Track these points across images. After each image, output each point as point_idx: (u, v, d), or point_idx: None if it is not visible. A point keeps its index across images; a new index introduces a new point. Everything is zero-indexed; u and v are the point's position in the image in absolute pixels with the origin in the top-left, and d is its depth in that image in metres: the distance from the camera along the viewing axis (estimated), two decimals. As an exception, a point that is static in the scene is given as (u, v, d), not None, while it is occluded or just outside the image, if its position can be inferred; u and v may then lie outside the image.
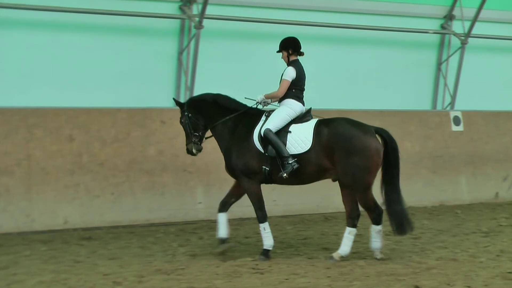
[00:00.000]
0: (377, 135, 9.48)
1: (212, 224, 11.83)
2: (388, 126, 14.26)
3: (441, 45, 16.08)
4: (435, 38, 16.00)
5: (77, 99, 12.55)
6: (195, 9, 13.18)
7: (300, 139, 9.36)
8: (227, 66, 13.66)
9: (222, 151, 9.85)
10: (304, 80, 9.72)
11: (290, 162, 9.26)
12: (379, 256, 9.39)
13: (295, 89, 9.62)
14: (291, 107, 9.56)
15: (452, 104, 15.99)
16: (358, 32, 14.88)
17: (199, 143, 9.90)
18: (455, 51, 15.85)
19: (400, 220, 9.48)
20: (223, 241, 9.67)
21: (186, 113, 9.89)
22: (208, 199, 12.45)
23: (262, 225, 9.58)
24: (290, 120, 9.53)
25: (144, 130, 12.44)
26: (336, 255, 9.37)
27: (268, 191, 12.25)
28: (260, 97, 9.80)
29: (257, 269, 8.89)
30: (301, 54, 9.80)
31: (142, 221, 12.13)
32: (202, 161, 12.32)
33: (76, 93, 12.60)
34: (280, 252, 9.98)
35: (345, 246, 9.41)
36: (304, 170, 9.38)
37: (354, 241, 10.28)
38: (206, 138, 9.98)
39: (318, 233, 11.42)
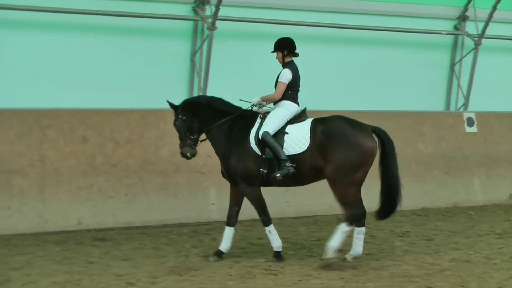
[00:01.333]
0: (374, 135, 9.36)
1: (225, 226, 11.85)
2: (401, 127, 14.44)
3: (455, 46, 16.03)
4: (449, 39, 15.95)
5: (91, 100, 12.58)
6: (208, 10, 13.19)
7: (298, 139, 9.29)
8: (240, 67, 13.67)
9: (218, 155, 9.77)
10: (299, 81, 9.64)
11: (288, 165, 9.19)
12: (329, 255, 9.07)
13: (291, 91, 9.55)
14: (287, 108, 9.49)
15: (465, 105, 15.94)
16: (372, 33, 14.85)
17: (193, 146, 9.80)
18: (469, 52, 15.79)
19: (381, 214, 9.51)
20: (219, 254, 9.58)
21: (180, 116, 9.79)
22: (221, 200, 12.44)
23: (267, 228, 9.57)
24: (287, 121, 9.46)
25: (157, 131, 12.46)
26: (349, 256, 9.35)
27: (281, 192, 12.30)
28: (256, 99, 9.72)
29: (270, 270, 8.90)
30: (296, 55, 9.70)
31: (155, 222, 12.14)
32: (215, 162, 12.27)
33: (90, 94, 12.63)
34: (293, 253, 9.98)
35: (358, 246, 9.37)
36: (302, 171, 9.30)
37: (367, 242, 10.29)
38: (201, 141, 9.90)
39: (331, 234, 11.34)
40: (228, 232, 9.67)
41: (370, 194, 9.64)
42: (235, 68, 13.63)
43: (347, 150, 9.08)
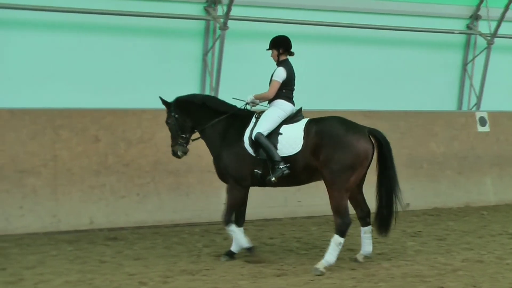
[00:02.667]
0: (371, 137, 9.15)
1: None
2: (413, 127, 14.42)
3: (467, 45, 15.98)
4: (461, 38, 15.90)
5: (103, 100, 12.61)
6: (220, 10, 13.20)
7: (292, 140, 9.14)
8: (252, 67, 13.66)
9: (212, 154, 9.68)
10: (294, 80, 9.52)
11: (281, 167, 9.05)
12: (322, 269, 8.76)
13: (286, 90, 9.42)
14: (282, 108, 9.36)
15: (478, 104, 15.89)
16: (385, 33, 14.82)
17: (185, 145, 9.72)
18: (481, 52, 15.73)
19: (380, 223, 9.31)
20: (230, 254, 9.57)
21: (173, 114, 9.71)
22: (232, 200, 12.46)
23: (230, 228, 9.43)
24: (281, 121, 9.32)
25: (169, 131, 12.45)
26: (359, 256, 9.33)
27: (293, 192, 12.32)
28: (249, 97, 9.61)
29: (282, 270, 8.91)
30: (291, 54, 9.58)
31: (167, 221, 12.16)
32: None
33: (102, 94, 12.67)
34: (305, 253, 9.99)
35: (367, 246, 9.33)
36: (296, 172, 9.16)
37: (379, 243, 10.28)
38: (193, 140, 9.83)
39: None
40: (239, 231, 9.66)
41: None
42: (247, 68, 13.62)
43: (340, 151, 8.88)
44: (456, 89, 16.09)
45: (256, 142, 9.17)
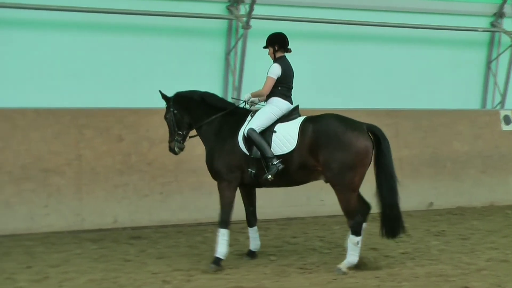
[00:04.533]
0: (369, 133, 8.89)
1: (259, 224, 11.85)
2: (436, 126, 14.35)
3: (491, 43, 15.86)
4: (485, 36, 15.79)
5: (126, 99, 12.67)
6: (243, 9, 13.22)
7: (285, 139, 8.92)
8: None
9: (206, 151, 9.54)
10: (292, 78, 9.32)
11: (275, 163, 8.83)
12: (345, 270, 8.69)
13: (281, 87, 9.20)
14: (277, 106, 9.15)
15: (502, 103, 15.78)
16: (408, 31, 14.75)
17: (182, 141, 9.58)
18: (506, 49, 15.62)
19: (391, 224, 8.93)
20: (250, 254, 9.54)
21: (171, 109, 9.59)
22: (255, 199, 12.48)
23: (222, 231, 9.11)
24: (276, 119, 9.11)
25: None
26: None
27: (316, 191, 12.28)
28: (247, 95, 9.47)
29: (305, 268, 8.90)
30: (288, 50, 9.43)
31: (190, 220, 12.20)
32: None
33: (125, 93, 12.73)
34: (328, 252, 9.98)
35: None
36: (291, 171, 8.94)
37: (403, 242, 10.25)
38: (190, 137, 9.70)
39: (365, 233, 11.30)
40: (252, 232, 9.63)
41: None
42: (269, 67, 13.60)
43: (340, 150, 8.64)
44: (480, 88, 15.98)
45: (248, 139, 8.99)
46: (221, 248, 9.06)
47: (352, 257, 8.79)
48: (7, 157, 11.44)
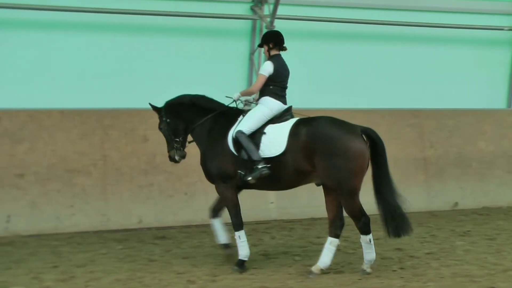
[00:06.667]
0: (364, 136, 8.66)
1: (284, 224, 11.89)
2: (461, 126, 14.27)
3: (517, 42, 15.77)
4: (510, 35, 15.68)
5: (151, 100, 12.68)
6: (267, 9, 13.22)
7: (275, 141, 8.68)
8: (298, 66, 13.64)
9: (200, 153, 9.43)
10: (286, 77, 9.11)
11: (260, 167, 8.63)
12: (368, 270, 8.68)
13: (273, 86, 8.97)
14: (268, 106, 8.91)
15: (527, 102, 15.68)
16: (433, 31, 14.67)
17: (181, 148, 9.45)
18: (531, 48, 15.53)
19: (396, 224, 8.69)
20: (225, 246, 9.42)
21: (164, 119, 9.46)
22: (279, 199, 12.48)
23: (237, 233, 9.02)
24: (267, 120, 8.88)
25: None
26: (315, 268, 8.72)
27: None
28: (236, 94, 9.27)
29: (329, 269, 8.88)
30: (284, 49, 9.28)
31: (214, 220, 12.20)
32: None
33: (150, 94, 12.71)
34: (352, 252, 9.96)
35: (325, 257, 8.72)
36: (280, 174, 8.71)
37: (427, 242, 10.21)
38: (189, 142, 9.57)
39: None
40: (216, 223, 9.50)
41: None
42: (293, 67, 13.59)
43: (337, 156, 8.40)
44: (505, 87, 15.86)
45: (236, 141, 8.85)
46: (242, 250, 8.99)
47: (369, 255, 8.72)
48: (33, 158, 11.54)
